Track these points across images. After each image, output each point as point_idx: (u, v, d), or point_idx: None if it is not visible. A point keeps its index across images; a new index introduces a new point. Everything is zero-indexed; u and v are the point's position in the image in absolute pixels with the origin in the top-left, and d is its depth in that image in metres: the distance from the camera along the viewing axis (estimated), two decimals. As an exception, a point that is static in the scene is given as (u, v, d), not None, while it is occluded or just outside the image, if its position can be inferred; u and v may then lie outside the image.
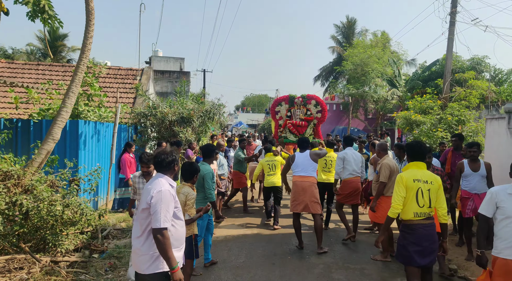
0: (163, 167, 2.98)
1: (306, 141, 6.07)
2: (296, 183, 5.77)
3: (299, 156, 5.85)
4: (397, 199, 3.64)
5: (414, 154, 3.83)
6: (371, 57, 23.30)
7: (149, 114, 10.36)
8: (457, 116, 9.98)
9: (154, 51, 33.01)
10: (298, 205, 5.74)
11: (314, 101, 10.16)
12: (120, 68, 13.92)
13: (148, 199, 2.74)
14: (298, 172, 5.79)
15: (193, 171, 4.06)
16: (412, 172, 3.73)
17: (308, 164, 5.77)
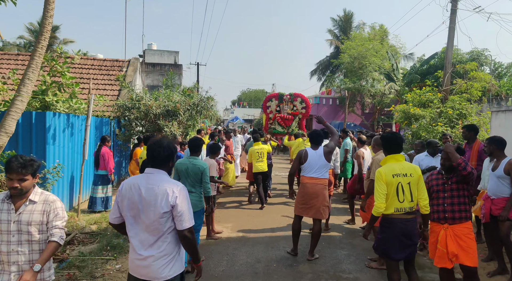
0: (159, 162, 2.58)
1: (320, 135, 5.17)
2: (306, 185, 5.04)
3: (312, 155, 5.04)
4: (379, 197, 3.48)
5: (390, 146, 3.65)
6: (368, 50, 22.70)
7: (132, 106, 9.76)
8: (458, 110, 9.45)
9: (148, 45, 32.29)
10: (308, 210, 5.04)
11: (300, 98, 11.56)
12: (106, 59, 13.27)
13: (172, 200, 2.42)
14: (309, 173, 5.02)
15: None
16: (391, 166, 3.55)
17: (322, 164, 5.01)
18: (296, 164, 5.16)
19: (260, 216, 7.52)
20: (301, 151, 5.17)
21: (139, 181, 2.55)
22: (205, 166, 4.71)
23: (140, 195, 2.49)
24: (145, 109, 9.67)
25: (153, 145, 2.61)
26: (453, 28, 10.03)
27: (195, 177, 4.70)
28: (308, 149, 5.16)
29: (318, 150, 5.09)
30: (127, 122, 10.14)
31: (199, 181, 4.68)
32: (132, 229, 2.54)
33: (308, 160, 5.03)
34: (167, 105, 9.89)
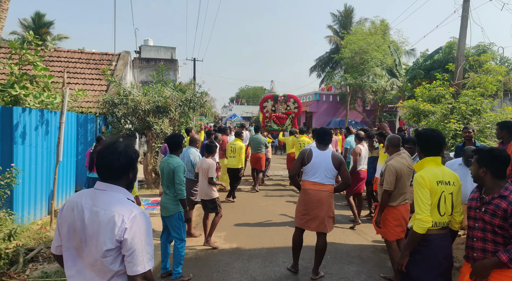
0: (113, 174, 1.86)
1: (329, 133, 4.41)
2: (309, 192, 4.27)
3: (318, 156, 4.25)
4: (424, 208, 2.74)
5: (430, 146, 2.92)
6: (370, 45, 21.95)
7: (119, 102, 9.01)
8: (472, 105, 8.72)
9: (144, 40, 31.46)
10: (310, 222, 4.28)
11: (293, 99, 13.36)
12: (94, 52, 12.49)
13: (119, 232, 1.70)
14: (312, 177, 4.26)
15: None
16: (433, 171, 2.84)
17: (329, 169, 4.23)
18: (298, 164, 4.37)
19: (258, 222, 6.80)
20: (304, 149, 4.42)
21: (84, 200, 1.83)
22: (176, 165, 4.22)
23: (83, 221, 1.78)
24: (133, 105, 8.93)
25: (103, 151, 1.87)
26: (466, 17, 9.30)
27: (167, 177, 4.28)
28: (313, 149, 4.36)
29: (326, 151, 4.31)
30: (115, 119, 9.41)
31: (172, 182, 4.25)
32: (73, 266, 1.82)
33: (312, 161, 4.25)
34: (157, 101, 9.14)
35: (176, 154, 4.41)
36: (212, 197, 5.46)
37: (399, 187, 4.13)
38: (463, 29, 9.35)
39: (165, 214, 4.33)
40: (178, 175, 4.21)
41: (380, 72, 22.97)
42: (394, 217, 4.15)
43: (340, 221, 6.88)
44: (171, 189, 4.30)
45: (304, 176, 4.38)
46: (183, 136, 4.52)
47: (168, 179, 4.30)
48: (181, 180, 4.22)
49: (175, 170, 4.21)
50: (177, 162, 4.28)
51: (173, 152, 4.41)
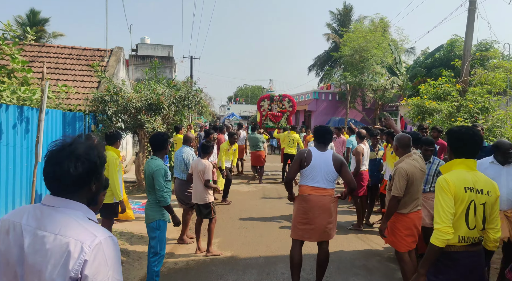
0: (68, 185, 1.38)
1: (329, 132, 3.98)
2: (310, 199, 3.77)
3: (318, 157, 3.79)
4: (444, 216, 2.30)
5: (463, 147, 2.45)
6: (370, 42, 21.53)
7: (108, 99, 8.55)
8: (480, 103, 8.31)
9: (141, 38, 31.03)
10: (312, 232, 3.78)
11: (288, 99, 14.68)
12: (86, 48, 12.02)
13: (75, 266, 1.24)
14: (313, 181, 3.77)
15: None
16: (461, 175, 2.39)
17: (329, 171, 3.77)
18: (296, 167, 3.87)
19: (255, 227, 6.37)
20: (303, 150, 3.94)
21: (25, 220, 1.36)
22: (156, 168, 3.80)
23: (22, 250, 1.32)
24: (124, 102, 8.47)
25: (55, 155, 1.39)
26: (473, 11, 8.88)
27: (148, 181, 3.87)
28: (312, 149, 3.88)
29: (326, 152, 3.87)
30: (105, 117, 8.96)
31: (153, 186, 3.84)
32: None
33: (312, 163, 3.77)
34: (149, 98, 8.69)
35: (159, 155, 3.97)
36: (207, 201, 5.04)
37: (411, 193, 3.70)
38: (470, 24, 8.94)
39: (145, 221, 3.90)
40: (157, 180, 3.78)
41: (380, 70, 22.58)
42: (405, 226, 3.72)
43: (343, 227, 6.45)
44: (152, 194, 3.87)
45: (302, 180, 3.89)
46: (168, 134, 4.07)
47: (149, 183, 3.88)
48: (162, 185, 3.79)
49: (154, 174, 3.78)
50: (157, 164, 3.83)
51: (156, 153, 3.97)
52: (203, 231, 5.29)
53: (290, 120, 14.31)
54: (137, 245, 5.26)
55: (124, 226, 5.95)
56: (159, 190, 3.80)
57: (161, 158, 4.01)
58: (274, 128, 13.78)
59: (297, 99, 29.08)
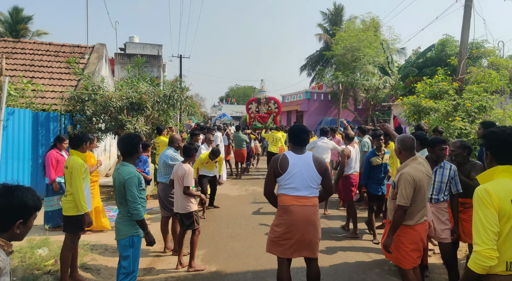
0: None
1: (304, 131, 3.43)
2: (291, 210, 3.22)
3: (295, 162, 3.26)
4: (486, 236, 1.88)
5: (507, 152, 2.03)
6: (362, 42, 21.22)
7: (86, 98, 7.99)
8: (478, 102, 7.95)
9: (130, 37, 30.34)
10: (293, 248, 3.23)
11: (273, 101, 15.66)
12: (65, 44, 11.40)
13: None
14: (293, 190, 3.23)
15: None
16: (507, 184, 1.97)
17: (313, 176, 3.26)
18: (271, 176, 3.32)
19: (243, 237, 5.89)
20: (276, 156, 3.40)
21: None
22: (128, 176, 3.28)
23: None
24: (102, 101, 7.91)
25: None
26: (469, 6, 8.53)
27: (118, 191, 3.33)
28: (288, 154, 3.34)
29: (305, 155, 3.33)
30: (83, 117, 8.40)
31: (124, 197, 3.32)
32: None
33: (289, 170, 3.23)
34: (130, 97, 8.15)
35: (130, 161, 3.44)
36: (188, 210, 4.54)
37: (417, 202, 3.26)
38: (466, 20, 8.59)
39: (116, 237, 3.38)
40: (130, 190, 3.26)
41: (372, 70, 22.30)
42: (411, 240, 3.27)
43: (337, 235, 6.01)
44: (124, 207, 3.35)
45: (280, 189, 3.31)
46: (139, 137, 3.55)
47: (119, 194, 3.34)
48: (135, 196, 3.27)
49: (126, 183, 3.26)
50: (129, 172, 3.31)
51: (127, 159, 3.44)
52: (186, 243, 4.79)
53: (277, 121, 15.41)
54: (111, 259, 4.74)
55: (98, 238, 5.41)
56: (132, 202, 3.28)
57: (133, 164, 3.50)
58: (262, 128, 14.66)
59: (288, 99, 28.70)
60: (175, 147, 5.43)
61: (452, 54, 19.15)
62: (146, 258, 4.87)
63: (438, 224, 3.79)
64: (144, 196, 3.51)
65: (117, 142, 3.66)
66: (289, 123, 27.73)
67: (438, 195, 3.86)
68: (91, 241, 5.17)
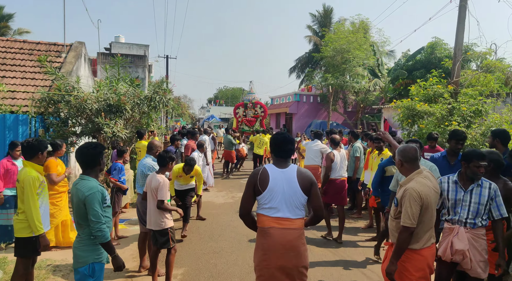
0: None
1: (289, 140, 2.87)
2: (270, 233, 2.69)
3: (277, 178, 2.73)
4: None
5: None
6: (352, 43, 20.95)
7: (59, 99, 7.41)
8: (474, 106, 7.63)
9: (115, 37, 29.62)
10: (273, 278, 2.67)
11: (259, 105, 17.05)
12: (40, 42, 10.76)
13: None
14: (273, 210, 2.71)
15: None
16: None
17: (296, 195, 2.71)
18: (248, 194, 2.77)
19: (228, 251, 5.40)
20: (255, 170, 2.83)
21: None
22: (89, 192, 2.79)
23: None
24: (77, 103, 7.34)
25: None
26: (464, 7, 8.23)
27: (77, 209, 2.81)
28: (269, 167, 2.78)
29: (288, 169, 2.78)
30: (57, 120, 7.81)
31: (85, 217, 2.83)
32: None
33: (269, 187, 2.70)
34: (108, 98, 7.59)
35: (91, 174, 2.93)
36: (163, 227, 4.04)
37: (424, 222, 2.83)
38: (461, 20, 8.28)
39: (73, 265, 2.86)
40: (92, 208, 2.76)
41: (362, 72, 22.06)
42: (417, 267, 2.83)
43: (338, 251, 5.57)
44: (84, 229, 2.84)
45: (259, 208, 2.79)
46: (102, 145, 3.03)
47: (79, 213, 2.83)
48: (98, 215, 2.78)
49: (87, 200, 2.76)
50: (90, 187, 2.82)
51: (87, 171, 2.94)
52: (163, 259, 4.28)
53: (263, 124, 16.51)
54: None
55: (64, 256, 4.86)
56: (96, 222, 2.78)
57: (95, 178, 2.99)
58: (250, 132, 15.50)
59: (277, 101, 28.31)
60: (154, 155, 4.85)
61: (442, 56, 19.00)
62: (118, 279, 4.34)
63: (475, 254, 3.13)
64: (109, 214, 3.01)
65: (75, 153, 3.11)
66: (278, 125, 27.33)
67: (474, 219, 3.16)
68: (55, 260, 4.63)
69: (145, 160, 4.85)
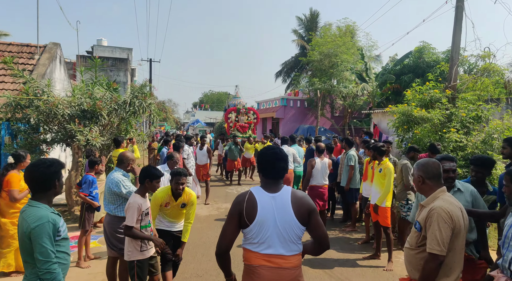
0: None
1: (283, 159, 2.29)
2: (259, 273, 2.15)
3: (266, 206, 2.17)
4: None
5: None
6: (340, 47, 20.69)
7: (26, 104, 6.72)
8: (474, 111, 7.28)
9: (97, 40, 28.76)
10: None
11: (252, 111, 17.18)
12: (12, 43, 10.03)
13: None
14: (263, 246, 2.17)
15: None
16: None
17: (291, 227, 2.17)
18: (233, 227, 2.21)
19: (212, 276, 4.82)
20: (241, 196, 2.25)
21: None
22: (36, 223, 2.22)
23: None
24: (46, 108, 6.66)
25: None
26: (461, 8, 7.91)
27: (22, 244, 2.29)
28: (256, 193, 2.23)
29: (280, 194, 2.22)
30: (27, 126, 7.12)
31: (30, 254, 2.25)
32: None
33: (257, 219, 2.15)
34: (81, 103, 6.94)
35: (42, 199, 2.35)
36: (128, 258, 3.40)
37: (455, 249, 2.34)
38: (458, 22, 7.96)
39: None
40: (39, 244, 2.19)
41: (350, 77, 21.82)
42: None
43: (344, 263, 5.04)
44: (31, 268, 2.25)
45: (245, 242, 2.25)
46: (59, 163, 2.45)
47: (24, 249, 2.26)
48: (47, 252, 2.20)
49: (33, 233, 2.20)
50: (39, 217, 2.24)
51: (38, 196, 2.35)
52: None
53: (254, 130, 16.52)
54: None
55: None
56: (43, 261, 2.20)
57: (47, 204, 2.39)
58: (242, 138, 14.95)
59: (264, 105, 27.85)
60: (125, 169, 4.13)
61: (430, 61, 18.91)
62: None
63: None
64: (66, 248, 2.42)
65: (24, 171, 2.51)
66: (264, 130, 26.85)
67: None
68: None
69: (114, 174, 4.08)
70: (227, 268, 2.30)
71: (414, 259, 2.48)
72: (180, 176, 3.68)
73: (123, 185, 3.93)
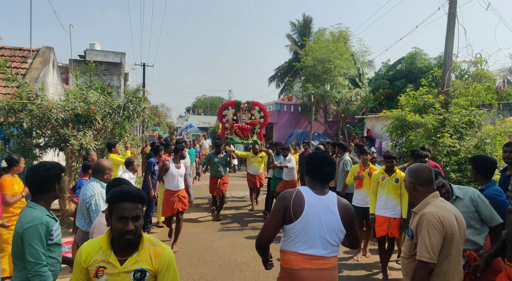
0: None
1: (332, 162, 2.42)
2: (299, 276, 2.20)
3: (313, 205, 2.26)
4: None
5: None
6: (333, 53, 20.85)
7: (19, 108, 6.65)
8: (467, 117, 7.36)
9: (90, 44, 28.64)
10: None
11: (258, 107, 10.39)
12: (4, 46, 9.93)
13: None
14: (305, 246, 2.23)
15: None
16: None
17: (335, 229, 2.28)
18: (277, 220, 2.25)
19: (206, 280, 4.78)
20: (288, 192, 2.32)
21: None
22: (29, 224, 2.22)
23: None
24: (40, 112, 6.60)
25: None
26: (453, 14, 8.02)
27: (14, 245, 2.28)
28: (304, 191, 2.32)
29: (327, 197, 2.33)
30: (18, 131, 7.04)
31: (21, 255, 2.24)
32: None
33: (303, 215, 2.21)
34: (75, 108, 6.88)
35: (40, 201, 2.37)
36: None
37: (450, 257, 2.32)
38: (450, 28, 8.07)
39: None
40: (30, 245, 2.20)
41: (343, 82, 21.98)
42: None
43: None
44: (20, 271, 2.24)
45: (286, 242, 2.30)
46: (59, 167, 2.46)
47: (16, 250, 2.26)
48: (37, 254, 2.20)
49: (25, 234, 2.22)
50: (32, 218, 2.25)
51: (37, 198, 2.38)
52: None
53: (261, 135, 10.46)
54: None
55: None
56: (34, 263, 2.19)
57: (45, 206, 2.39)
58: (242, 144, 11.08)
59: (257, 110, 27.87)
60: (102, 179, 3.67)
61: (422, 67, 19.14)
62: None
63: None
64: (56, 255, 2.40)
65: (25, 176, 2.49)
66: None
67: None
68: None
69: (90, 185, 3.63)
70: (265, 255, 2.43)
71: (408, 268, 2.44)
72: (128, 202, 1.84)
73: (95, 200, 3.50)
